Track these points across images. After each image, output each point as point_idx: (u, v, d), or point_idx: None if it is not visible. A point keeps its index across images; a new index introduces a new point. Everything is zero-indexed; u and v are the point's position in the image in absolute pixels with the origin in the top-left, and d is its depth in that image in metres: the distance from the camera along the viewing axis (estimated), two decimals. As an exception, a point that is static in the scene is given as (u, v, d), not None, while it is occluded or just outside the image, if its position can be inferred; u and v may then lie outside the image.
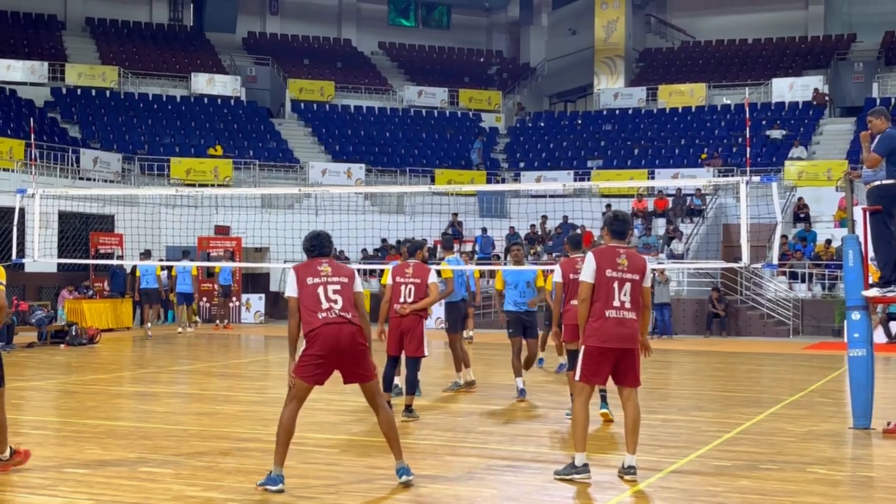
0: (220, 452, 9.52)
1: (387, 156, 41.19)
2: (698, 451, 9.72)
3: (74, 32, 45.91)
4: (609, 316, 8.24)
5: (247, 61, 47.70)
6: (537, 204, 32.25)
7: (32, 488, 7.95)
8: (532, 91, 50.49)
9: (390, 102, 46.39)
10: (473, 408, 12.93)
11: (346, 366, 7.99)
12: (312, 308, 7.90)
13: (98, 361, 19.60)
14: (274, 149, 40.19)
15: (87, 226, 30.03)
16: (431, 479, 8.40)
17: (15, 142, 31.77)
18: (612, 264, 8.28)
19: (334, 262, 8.21)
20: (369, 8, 53.53)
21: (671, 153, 39.84)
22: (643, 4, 49.71)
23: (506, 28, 55.72)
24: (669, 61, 48.66)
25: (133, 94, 41.88)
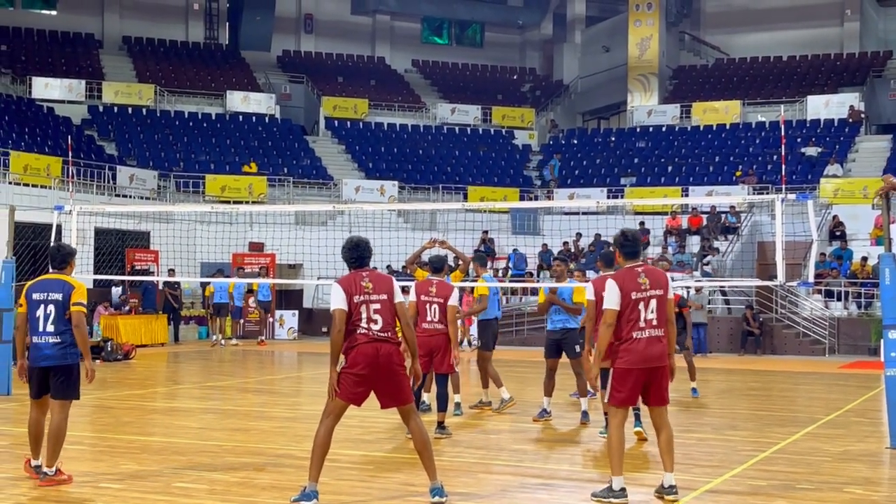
0: (255, 468, 9.55)
1: (420, 173, 41.28)
2: (733, 471, 9.65)
3: (111, 51, 46.41)
4: (637, 336, 8.19)
5: (281, 79, 48.00)
6: (570, 221, 32.06)
7: (69, 502, 8.01)
8: (565, 108, 50.46)
9: (423, 120, 46.51)
10: (506, 426, 12.89)
11: (383, 386, 8.05)
12: (354, 326, 7.99)
13: (133, 377, 19.73)
14: (308, 166, 40.37)
15: (124, 242, 30.26)
16: (465, 497, 8.39)
17: (52, 159, 32.11)
18: (635, 286, 8.23)
19: (374, 274, 8.26)
20: (403, 26, 53.78)
21: (705, 170, 39.66)
22: (677, 21, 49.59)
23: (539, 45, 55.77)
24: (703, 78, 48.50)
25: (169, 111, 42.24)
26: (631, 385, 8.23)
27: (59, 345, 8.71)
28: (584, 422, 12.86)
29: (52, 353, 8.71)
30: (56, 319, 8.70)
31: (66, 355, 8.73)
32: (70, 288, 8.79)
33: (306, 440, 11.07)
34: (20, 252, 21.38)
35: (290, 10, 51.26)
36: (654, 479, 8.72)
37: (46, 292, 8.80)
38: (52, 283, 8.85)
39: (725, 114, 43.21)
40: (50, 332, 8.68)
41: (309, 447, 8.14)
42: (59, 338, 8.70)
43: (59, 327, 8.69)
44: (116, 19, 47.51)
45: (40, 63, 42.74)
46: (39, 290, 8.84)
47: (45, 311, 8.73)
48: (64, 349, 8.72)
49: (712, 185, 37.11)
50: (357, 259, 8.27)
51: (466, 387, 16.48)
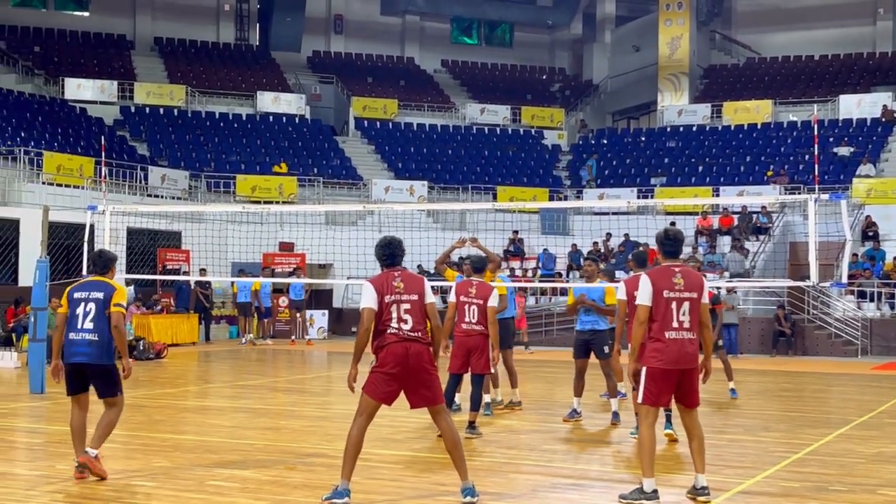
0: (286, 467, 9.60)
1: (449, 173, 41.30)
2: (765, 472, 9.60)
3: (143, 52, 46.73)
4: (669, 337, 8.13)
5: (311, 80, 48.18)
6: (601, 221, 32.03)
7: (103, 500, 8.08)
8: (595, 108, 50.33)
9: (453, 120, 46.53)
10: (537, 426, 12.88)
11: (413, 386, 8.11)
12: (384, 326, 8.06)
13: (165, 376, 19.85)
14: (337, 166, 40.49)
15: (155, 242, 30.47)
16: (496, 497, 8.40)
17: (85, 159, 32.38)
18: (669, 284, 8.17)
19: (406, 274, 8.29)
20: (432, 27, 53.84)
21: (736, 170, 39.45)
22: (708, 21, 49.36)
23: (568, 45, 55.67)
24: (734, 78, 48.24)
25: (200, 112, 42.48)
26: (662, 385, 8.19)
27: (95, 343, 8.84)
28: (615, 422, 12.82)
29: (89, 350, 8.84)
30: (95, 317, 8.86)
31: (102, 355, 8.86)
32: (112, 289, 8.98)
33: (337, 439, 11.13)
34: (53, 252, 21.60)
35: (320, 10, 51.43)
36: (686, 480, 8.70)
37: (88, 292, 8.99)
38: (95, 285, 9.05)
39: (757, 113, 42.96)
40: (88, 329, 8.84)
41: (340, 446, 8.19)
42: (96, 336, 8.85)
43: (97, 325, 8.85)
44: (148, 20, 47.83)
45: (73, 64, 43.09)
46: (81, 290, 9.03)
47: (84, 308, 8.89)
48: (101, 348, 8.85)
49: (743, 185, 36.90)
50: (389, 258, 8.32)
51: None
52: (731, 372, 16.65)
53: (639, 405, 8.37)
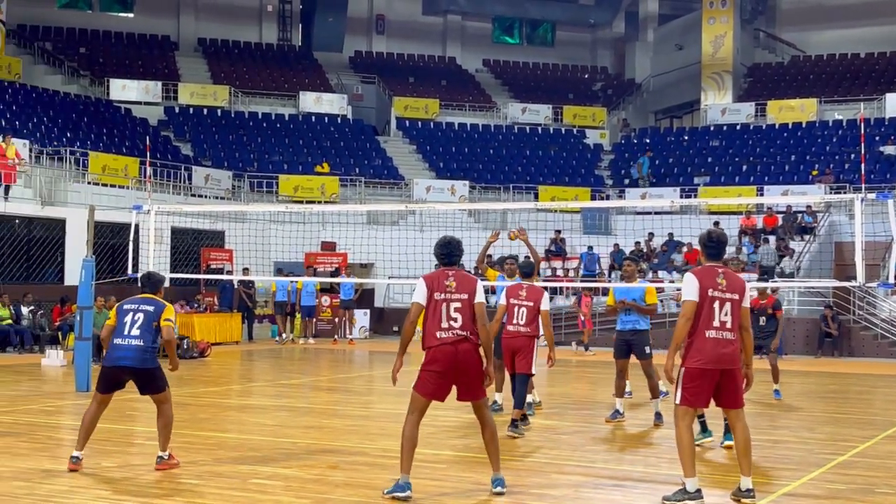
0: (329, 466, 9.63)
1: (490, 172, 41.27)
2: (811, 474, 9.51)
3: (187, 53, 47.11)
4: (709, 336, 8.06)
5: (353, 80, 48.33)
6: (644, 221, 31.86)
7: (148, 498, 8.15)
8: (637, 107, 50.08)
9: (494, 119, 46.48)
10: (579, 426, 12.83)
11: (461, 382, 8.30)
12: (434, 324, 8.24)
13: (208, 375, 19.99)
14: (379, 166, 40.59)
15: (199, 241, 30.70)
16: (537, 498, 8.38)
17: (130, 160, 32.69)
18: (714, 283, 8.12)
19: (459, 274, 8.43)
20: (474, 26, 53.81)
21: (781, 169, 39.09)
22: (752, 19, 48.95)
23: (611, 44, 55.42)
24: (779, 76, 47.80)
25: (243, 112, 42.75)
26: (701, 385, 8.10)
27: (139, 348, 9.16)
28: (658, 423, 12.74)
29: (132, 354, 9.16)
30: (142, 326, 9.21)
31: (145, 360, 9.19)
32: (162, 306, 9.42)
33: (379, 438, 11.18)
34: (99, 251, 21.82)
35: (362, 10, 51.57)
36: (731, 482, 8.62)
37: (138, 304, 9.41)
38: (146, 300, 9.47)
39: (802, 112, 42.54)
40: (134, 336, 9.18)
41: (382, 445, 8.30)
42: (141, 341, 9.18)
43: (143, 333, 9.20)
44: (192, 21, 48.20)
45: (118, 65, 43.51)
46: (131, 304, 9.45)
47: (133, 318, 9.27)
48: (143, 353, 9.18)
49: (788, 184, 36.55)
50: (446, 257, 8.52)
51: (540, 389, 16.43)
52: (778, 374, 16.50)
53: (676, 406, 8.28)
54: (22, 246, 26.82)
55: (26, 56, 40.62)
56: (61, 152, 31.12)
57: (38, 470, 9.22)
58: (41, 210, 27.26)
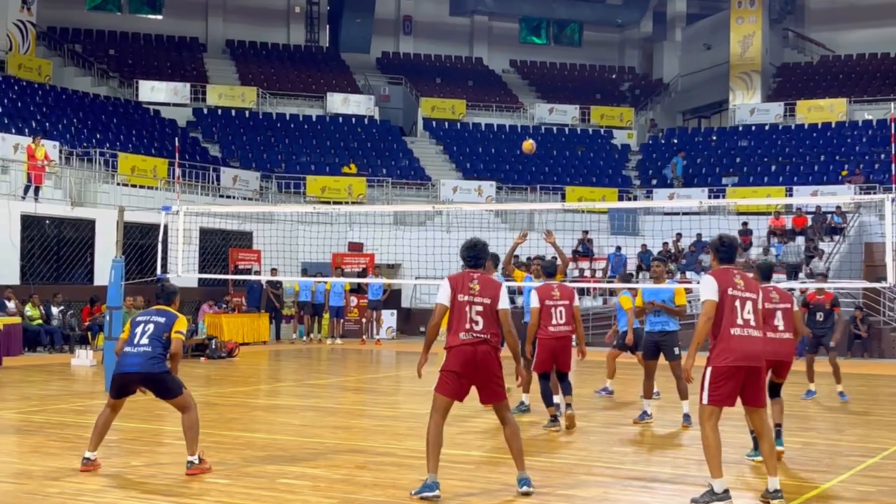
0: (356, 466, 9.65)
1: (517, 173, 41.23)
2: (840, 476, 9.45)
3: (215, 54, 47.34)
4: (734, 334, 8.08)
5: (380, 81, 48.41)
6: (672, 221, 31.73)
7: (176, 497, 8.19)
8: (665, 107, 49.90)
9: (521, 120, 46.44)
10: (607, 427, 12.80)
11: (480, 384, 8.39)
12: (456, 325, 8.33)
13: (236, 375, 20.08)
14: (406, 167, 40.63)
15: (227, 242, 30.83)
16: (566, 499, 8.37)
17: (158, 161, 32.88)
18: (732, 283, 8.19)
19: (484, 278, 8.51)
20: (501, 27, 53.78)
21: (810, 170, 38.84)
22: (780, 18, 48.67)
23: (638, 44, 55.26)
24: (808, 76, 47.50)
25: (271, 113, 42.90)
26: (728, 384, 8.05)
27: (147, 354, 9.18)
28: (686, 424, 12.67)
29: (139, 360, 9.18)
30: (152, 335, 9.26)
31: (152, 364, 9.18)
32: (174, 317, 9.42)
33: (407, 438, 11.19)
34: (128, 251, 21.96)
35: (389, 11, 51.65)
36: (760, 483, 8.58)
37: (150, 316, 9.47)
38: (159, 312, 9.51)
39: (831, 112, 42.27)
40: (143, 344, 9.23)
41: (409, 445, 8.33)
42: (149, 348, 9.21)
43: (152, 341, 9.23)
44: (220, 23, 48.42)
45: (146, 67, 43.78)
46: (143, 316, 9.54)
47: (143, 328, 9.33)
48: (151, 359, 9.18)
49: (817, 184, 36.32)
50: (472, 259, 8.63)
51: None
52: (840, 374, 16.46)
53: (702, 406, 8.17)
54: (52, 246, 27.03)
55: (56, 58, 40.95)
56: (91, 153, 31.34)
57: (68, 469, 9.29)
58: (71, 211, 27.47)
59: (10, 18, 37.43)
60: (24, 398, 14.98)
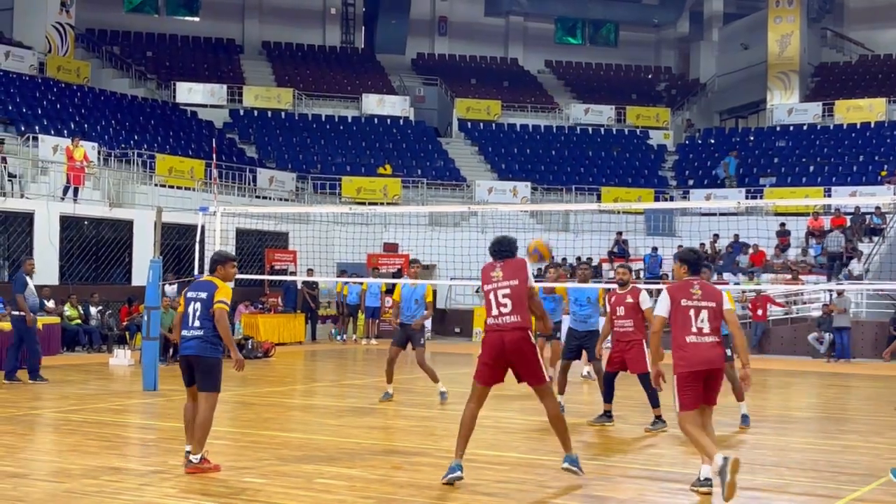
0: (392, 466, 9.65)
1: (553, 174, 41.13)
2: (880, 480, 9.33)
3: (251, 56, 47.58)
4: (690, 341, 8.42)
5: (415, 82, 48.47)
6: (709, 222, 31.52)
7: (214, 496, 8.23)
8: (701, 107, 49.60)
9: (557, 121, 46.32)
10: (641, 429, 12.71)
11: (516, 368, 8.69)
12: (487, 312, 8.74)
13: (272, 375, 20.16)
14: (441, 167, 40.64)
15: (263, 242, 30.98)
16: (601, 501, 8.33)
17: (196, 162, 33.09)
18: (687, 294, 8.54)
19: (507, 263, 8.82)
20: (536, 27, 53.67)
21: (849, 170, 38.48)
22: (819, 18, 48.24)
23: (675, 44, 54.97)
24: (847, 76, 47.06)
25: (307, 115, 43.06)
26: (693, 388, 8.41)
27: (200, 338, 9.28)
28: (744, 426, 12.62)
29: (194, 344, 9.30)
30: (201, 315, 9.33)
31: (206, 348, 9.27)
32: (215, 287, 9.40)
33: (443, 439, 11.17)
34: (165, 252, 22.11)
35: (425, 12, 51.70)
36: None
37: (196, 292, 9.51)
38: (202, 284, 9.59)
39: (870, 112, 41.84)
40: (195, 327, 9.34)
41: (445, 446, 8.39)
42: (201, 331, 9.30)
43: (203, 322, 9.32)
44: (256, 25, 48.66)
45: (184, 68, 44.07)
46: (192, 290, 9.60)
47: (193, 307, 9.40)
48: (204, 343, 9.27)
49: (856, 185, 35.97)
50: (496, 253, 8.97)
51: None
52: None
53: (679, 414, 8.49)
54: (90, 247, 27.26)
55: (95, 60, 41.31)
56: (129, 154, 31.58)
57: (106, 468, 9.37)
58: (109, 212, 27.70)
59: (49, 21, 37.81)
60: (62, 397, 15.12)
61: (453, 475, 8.47)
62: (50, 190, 27.19)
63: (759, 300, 28.06)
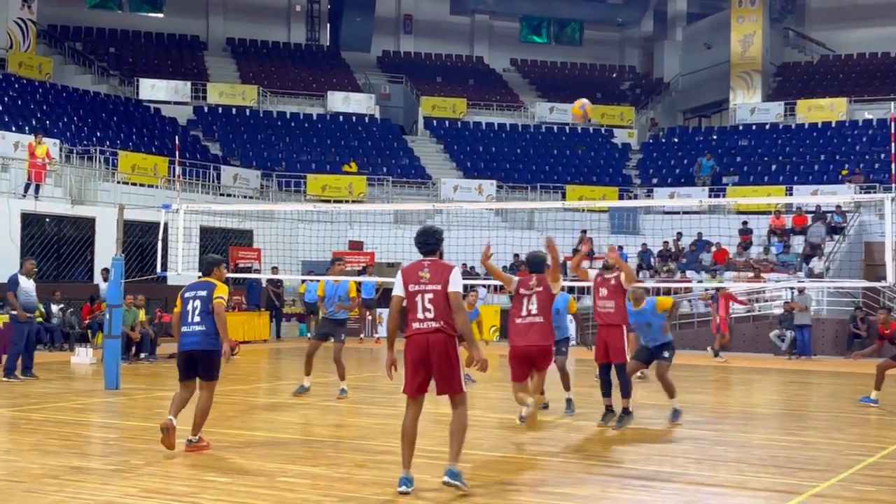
0: (356, 464, 9.64)
1: (518, 172, 41.22)
2: (840, 475, 9.44)
3: (216, 53, 47.34)
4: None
5: (381, 80, 48.42)
6: (672, 220, 31.74)
7: (176, 496, 8.19)
8: (665, 106, 49.91)
9: (522, 119, 46.43)
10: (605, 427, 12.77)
11: (437, 373, 8.42)
12: (410, 315, 8.50)
13: (236, 373, 20.05)
14: (407, 165, 40.63)
15: (227, 240, 30.83)
16: (564, 498, 8.37)
17: (159, 159, 32.88)
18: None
19: (435, 265, 8.53)
20: (502, 25, 53.77)
21: (810, 169, 38.85)
22: (781, 18, 48.66)
23: (639, 43, 55.27)
24: (808, 75, 47.51)
25: (271, 112, 42.90)
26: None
27: (202, 332, 10.21)
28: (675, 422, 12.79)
29: (197, 339, 10.21)
30: (201, 312, 10.27)
31: (207, 342, 10.21)
32: (213, 287, 10.42)
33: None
34: (128, 250, 21.94)
35: (390, 10, 51.67)
36: (754, 482, 8.52)
37: (195, 291, 10.44)
38: (200, 285, 10.55)
39: (831, 111, 42.28)
40: (196, 323, 10.25)
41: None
42: (203, 326, 10.24)
43: (203, 318, 10.24)
44: (220, 21, 48.43)
45: (147, 65, 43.79)
46: (190, 291, 10.49)
47: (192, 305, 10.33)
48: (206, 336, 10.20)
49: (817, 184, 36.32)
50: (422, 245, 8.72)
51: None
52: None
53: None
54: (52, 245, 27.03)
55: (57, 56, 40.96)
56: (91, 152, 31.34)
57: (67, 467, 9.30)
58: (71, 209, 27.47)
59: (10, 16, 37.46)
60: (23, 396, 14.98)
61: (402, 489, 8.21)
62: (11, 187, 26.93)
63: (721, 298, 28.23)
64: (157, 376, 18.84)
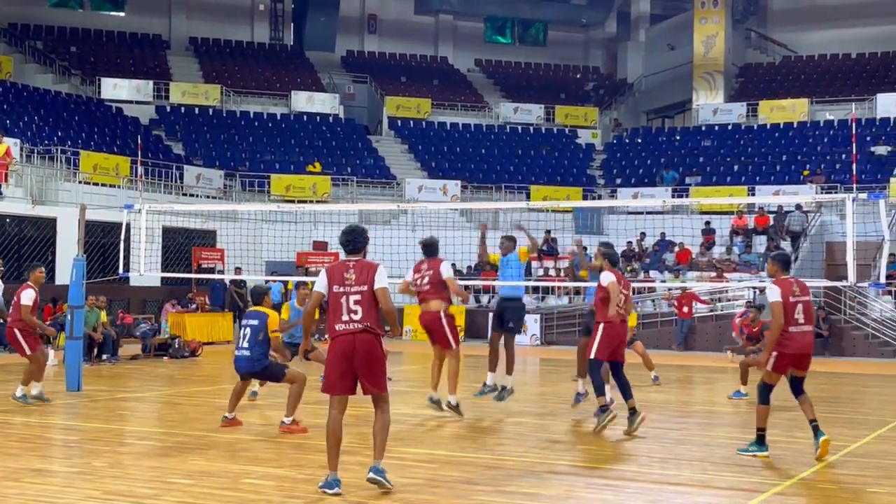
0: (320, 466, 9.57)
1: (482, 172, 41.27)
2: (802, 474, 9.52)
3: (178, 52, 47.03)
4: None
5: (345, 79, 48.31)
6: (635, 220, 31.89)
7: (138, 498, 8.12)
8: (629, 107, 50.14)
9: (486, 119, 46.49)
10: (570, 426, 12.81)
11: (362, 373, 8.43)
12: (333, 316, 8.41)
13: (200, 374, 19.97)
14: (371, 165, 40.57)
15: (190, 241, 30.65)
16: (530, 498, 8.38)
17: (121, 158, 32.63)
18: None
19: (360, 265, 8.48)
20: (466, 26, 53.81)
21: (772, 169, 39.16)
22: (743, 19, 49.02)
23: (603, 44, 55.51)
24: (770, 76, 47.89)
25: (235, 111, 42.69)
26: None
27: (247, 357, 11.72)
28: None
29: (243, 364, 11.81)
30: (250, 339, 11.70)
31: (252, 365, 11.78)
32: (265, 317, 11.77)
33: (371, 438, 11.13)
34: (90, 250, 21.77)
35: (354, 10, 51.56)
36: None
37: (248, 320, 11.84)
38: (252, 314, 11.95)
39: (793, 112, 42.63)
40: (244, 348, 11.75)
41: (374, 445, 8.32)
42: (248, 352, 11.73)
43: (251, 345, 11.70)
44: (183, 20, 48.13)
45: (109, 64, 43.44)
46: (246, 318, 11.96)
47: (243, 332, 11.78)
48: (251, 361, 11.75)
49: (779, 184, 36.62)
50: (348, 244, 8.68)
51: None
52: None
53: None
54: (13, 245, 26.75)
55: (17, 55, 40.55)
56: (52, 151, 31.05)
57: (28, 469, 9.20)
58: (32, 209, 27.20)
59: (-31, 15, 37.05)
60: (-17, 398, 14.80)
61: (331, 491, 8.20)
62: (-30, 187, 26.62)
63: (684, 297, 28.44)
64: (119, 378, 18.69)
